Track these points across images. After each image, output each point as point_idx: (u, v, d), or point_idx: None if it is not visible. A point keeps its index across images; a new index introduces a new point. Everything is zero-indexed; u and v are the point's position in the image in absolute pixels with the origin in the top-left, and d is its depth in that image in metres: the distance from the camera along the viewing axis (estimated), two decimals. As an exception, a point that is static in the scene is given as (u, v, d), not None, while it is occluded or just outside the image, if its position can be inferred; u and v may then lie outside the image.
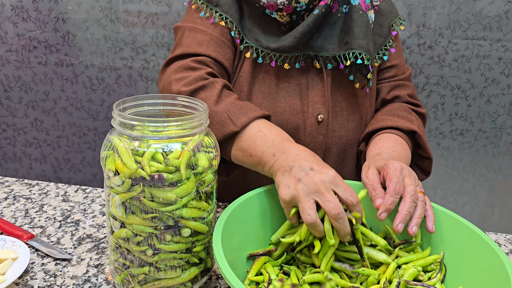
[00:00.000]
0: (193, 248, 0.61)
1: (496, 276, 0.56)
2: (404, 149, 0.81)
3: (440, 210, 0.68)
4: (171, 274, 0.60)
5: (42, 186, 0.98)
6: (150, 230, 0.57)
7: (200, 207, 0.59)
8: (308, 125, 0.87)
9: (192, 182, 0.56)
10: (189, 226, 0.59)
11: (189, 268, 0.62)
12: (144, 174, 0.54)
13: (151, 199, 0.56)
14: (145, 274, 0.60)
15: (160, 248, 0.58)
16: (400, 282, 0.60)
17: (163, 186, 0.55)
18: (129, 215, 0.57)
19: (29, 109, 1.74)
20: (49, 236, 0.79)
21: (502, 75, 1.49)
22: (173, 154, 0.55)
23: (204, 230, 0.61)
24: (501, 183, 1.68)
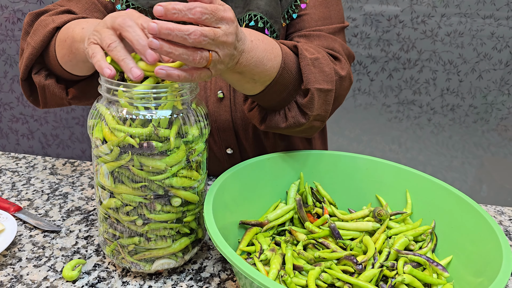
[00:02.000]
0: (184, 218, 0.60)
1: (487, 245, 0.56)
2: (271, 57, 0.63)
3: (432, 180, 0.68)
4: (162, 244, 0.59)
5: (29, 160, 0.96)
6: (140, 199, 0.56)
7: (190, 177, 0.58)
8: (210, 102, 0.82)
9: (182, 151, 0.55)
10: (179, 196, 0.58)
11: (180, 238, 0.61)
12: (132, 142, 0.52)
13: (140, 167, 0.54)
14: (135, 244, 0.59)
15: (150, 218, 0.57)
16: (390, 251, 0.60)
17: (153, 154, 0.54)
18: (118, 184, 0.56)
19: (14, 83, 1.70)
20: (37, 208, 0.78)
21: (494, 50, 1.48)
22: (163, 122, 0.54)
23: (194, 200, 0.60)
24: (490, 159, 1.70)
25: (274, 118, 0.70)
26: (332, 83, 0.68)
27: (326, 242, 0.63)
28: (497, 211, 0.86)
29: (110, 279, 0.61)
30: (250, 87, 0.64)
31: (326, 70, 0.68)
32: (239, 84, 0.64)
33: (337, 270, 0.57)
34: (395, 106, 1.63)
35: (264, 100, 0.68)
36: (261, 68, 0.61)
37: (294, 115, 0.68)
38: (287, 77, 0.66)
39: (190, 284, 0.61)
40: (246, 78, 0.61)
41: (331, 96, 0.68)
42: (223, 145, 0.87)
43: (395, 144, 1.71)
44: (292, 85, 0.67)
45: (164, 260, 0.61)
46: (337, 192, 0.74)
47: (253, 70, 0.60)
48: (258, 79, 0.62)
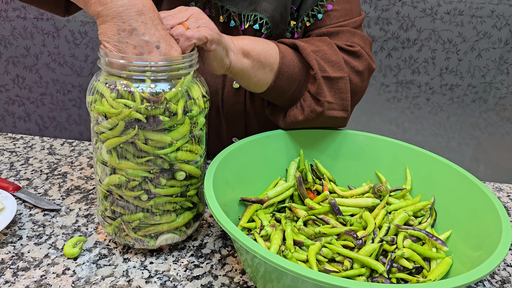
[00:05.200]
0: (187, 192, 0.60)
1: (486, 218, 0.57)
2: (264, 42, 0.69)
3: (431, 156, 0.68)
4: (166, 219, 0.60)
5: (26, 140, 0.95)
6: (145, 174, 0.56)
7: (193, 150, 0.59)
8: (226, 91, 0.82)
9: (187, 125, 0.56)
10: (184, 169, 0.58)
11: (183, 212, 0.61)
12: (140, 116, 0.52)
13: (145, 142, 0.54)
14: (140, 220, 0.59)
15: (155, 193, 0.57)
16: (390, 226, 0.60)
17: (158, 129, 0.54)
18: (121, 160, 0.55)
19: (9, 65, 1.68)
20: (36, 188, 0.78)
21: (494, 28, 1.47)
22: (168, 96, 0.53)
23: (197, 174, 0.61)
24: (487, 139, 1.70)
25: (292, 112, 0.72)
26: (341, 71, 0.70)
27: (326, 218, 0.63)
28: (495, 187, 0.87)
29: (111, 256, 0.62)
30: (261, 75, 0.68)
31: (333, 59, 0.70)
32: (252, 72, 0.67)
33: (338, 245, 0.57)
34: (394, 86, 1.63)
35: (278, 95, 0.71)
36: (260, 47, 0.66)
37: (309, 104, 0.70)
38: (291, 66, 0.69)
39: (191, 260, 0.62)
40: (254, 62, 0.66)
41: (345, 84, 0.70)
42: (231, 134, 0.87)
43: (393, 125, 1.71)
44: (299, 75, 0.70)
45: (168, 235, 0.61)
46: (337, 169, 0.74)
47: (256, 49, 0.65)
48: (265, 61, 0.67)
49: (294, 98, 0.72)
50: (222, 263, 0.62)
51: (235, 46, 0.65)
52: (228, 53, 0.63)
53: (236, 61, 0.64)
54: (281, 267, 0.44)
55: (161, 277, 0.58)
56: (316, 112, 0.70)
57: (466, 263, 0.55)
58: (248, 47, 0.66)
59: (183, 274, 0.59)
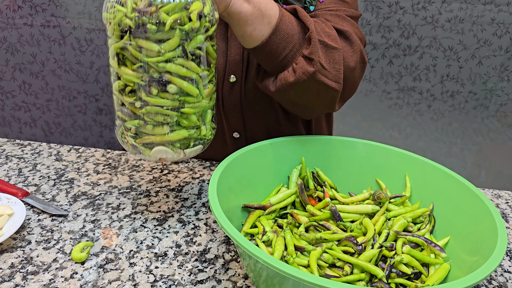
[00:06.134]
0: (182, 109, 0.61)
1: (482, 225, 0.58)
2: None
3: (430, 164, 0.70)
4: (158, 131, 0.62)
5: (34, 146, 0.97)
6: (137, 80, 0.59)
7: (187, 66, 0.59)
8: (223, 86, 0.84)
9: (177, 37, 0.57)
10: (174, 82, 0.59)
11: (178, 129, 0.63)
12: (129, 22, 0.56)
13: (139, 50, 0.57)
14: (136, 126, 0.62)
15: (146, 101, 0.60)
16: (389, 233, 0.62)
17: (149, 38, 0.56)
18: (121, 66, 0.60)
19: (16, 71, 1.71)
20: (44, 193, 0.80)
21: (494, 36, 1.49)
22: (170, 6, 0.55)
23: (192, 92, 0.61)
24: (489, 145, 1.71)
25: (283, 75, 0.70)
26: (336, 42, 0.69)
27: (327, 224, 0.64)
28: (494, 194, 0.88)
29: (117, 261, 0.63)
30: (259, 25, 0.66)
31: (328, 32, 0.69)
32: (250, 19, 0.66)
33: (338, 251, 0.59)
34: (395, 93, 1.64)
35: (270, 55, 0.69)
36: None
37: (302, 66, 0.68)
38: (289, 25, 0.68)
39: (195, 265, 0.63)
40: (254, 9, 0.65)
41: (339, 56, 0.69)
42: (231, 129, 0.89)
43: (395, 131, 1.72)
44: (295, 38, 0.68)
45: (162, 147, 0.63)
46: (338, 176, 0.76)
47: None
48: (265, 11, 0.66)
49: (286, 62, 0.70)
50: (225, 267, 0.63)
51: None
52: None
53: (236, 2, 0.64)
54: (283, 272, 0.45)
55: (166, 281, 0.60)
56: (308, 73, 0.67)
57: (464, 268, 0.57)
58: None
59: (188, 278, 0.61)
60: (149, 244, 0.67)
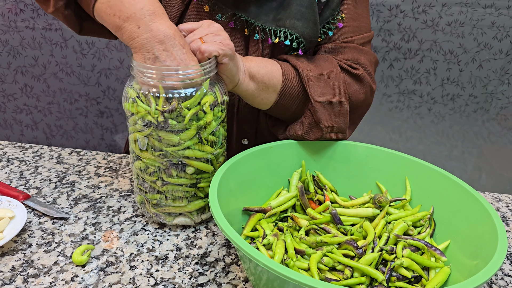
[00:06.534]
0: (198, 184, 0.69)
1: (483, 228, 0.58)
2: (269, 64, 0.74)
3: (430, 167, 0.70)
4: (178, 203, 0.69)
5: (35, 149, 0.98)
6: (158, 164, 0.66)
7: (203, 150, 0.66)
8: None
9: (193, 129, 0.63)
10: (192, 165, 0.66)
11: (195, 200, 0.70)
12: (152, 119, 0.62)
13: (159, 139, 0.63)
14: (157, 200, 0.69)
15: (167, 181, 0.67)
16: (390, 236, 0.62)
17: (168, 130, 0.62)
18: (143, 150, 0.66)
19: (18, 74, 1.71)
20: (45, 196, 0.80)
21: (494, 39, 1.49)
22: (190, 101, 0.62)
23: (208, 169, 0.68)
24: (489, 148, 1.71)
25: (292, 127, 0.78)
26: (342, 95, 0.74)
27: (328, 227, 0.64)
28: (494, 198, 0.88)
29: (118, 264, 0.64)
30: (265, 95, 0.74)
31: (334, 84, 0.74)
32: (257, 93, 0.73)
33: (338, 254, 0.59)
34: (396, 96, 1.64)
35: (280, 112, 0.77)
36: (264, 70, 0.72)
37: (310, 122, 0.75)
38: (293, 86, 0.74)
39: (196, 268, 0.64)
40: (259, 84, 0.72)
41: (344, 108, 0.74)
42: (240, 136, 0.89)
43: (395, 134, 1.72)
44: (301, 94, 0.75)
45: (182, 218, 0.71)
46: (338, 179, 0.76)
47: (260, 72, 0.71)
48: (269, 82, 0.72)
49: (297, 114, 0.77)
50: (226, 271, 0.64)
51: (244, 68, 0.70)
52: (238, 71, 0.69)
53: (243, 81, 0.71)
54: (283, 275, 0.45)
55: (166, 285, 0.60)
56: (316, 136, 0.75)
57: (464, 272, 0.57)
58: (254, 69, 0.71)
59: (188, 281, 0.61)
60: (149, 247, 0.67)
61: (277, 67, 0.74)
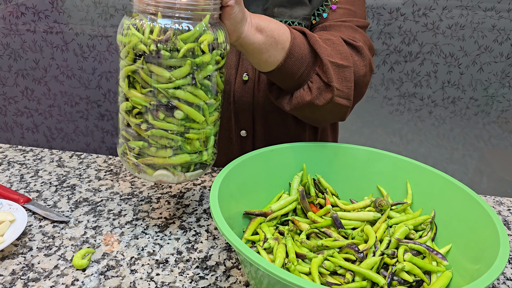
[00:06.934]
0: (186, 134, 0.63)
1: (485, 233, 0.58)
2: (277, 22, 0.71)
3: (431, 170, 0.70)
4: (161, 153, 0.63)
5: (36, 152, 0.98)
6: (145, 103, 0.61)
7: (195, 94, 0.61)
8: (236, 84, 0.86)
9: (187, 66, 0.59)
10: (181, 108, 0.61)
11: (181, 153, 0.64)
12: (144, 48, 0.57)
13: (149, 75, 0.59)
14: (139, 147, 0.64)
15: (152, 124, 0.61)
16: (391, 240, 0.62)
17: (160, 64, 0.58)
18: (131, 88, 0.61)
19: (19, 77, 1.71)
20: (46, 200, 0.80)
21: (495, 42, 1.49)
22: (186, 34, 0.57)
23: (198, 119, 0.63)
24: (490, 151, 1.71)
25: (299, 93, 0.73)
26: (347, 60, 0.72)
27: (329, 231, 0.64)
28: (496, 201, 0.88)
29: (118, 267, 0.63)
30: (273, 52, 0.69)
31: (340, 49, 0.72)
32: (264, 47, 0.68)
33: (339, 258, 0.59)
34: (396, 99, 1.64)
35: (286, 76, 0.72)
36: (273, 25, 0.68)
37: (319, 86, 0.71)
38: (301, 47, 0.70)
39: (197, 272, 0.63)
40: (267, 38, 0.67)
41: (350, 73, 0.71)
42: (239, 127, 0.90)
43: (396, 137, 1.72)
44: (308, 57, 0.71)
45: (164, 171, 0.64)
46: (340, 183, 0.76)
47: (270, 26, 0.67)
48: (278, 38, 0.68)
49: (302, 80, 0.73)
50: (226, 275, 0.63)
51: (251, 20, 0.66)
52: (242, 21, 0.64)
53: (249, 33, 0.66)
54: (284, 280, 0.45)
55: (167, 289, 0.60)
56: (326, 99, 0.71)
57: (466, 277, 0.57)
58: (262, 23, 0.67)
59: (189, 285, 0.61)
60: (150, 251, 0.67)
61: (285, 27, 0.71)
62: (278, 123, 0.90)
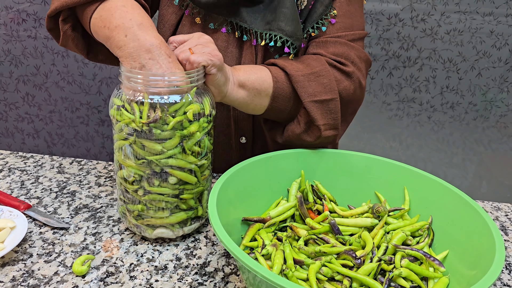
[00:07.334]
0: (181, 195, 0.67)
1: (481, 238, 0.58)
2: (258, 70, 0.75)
3: (429, 177, 0.70)
4: (160, 214, 0.68)
5: (37, 159, 0.98)
6: (141, 173, 0.65)
7: (186, 160, 0.65)
8: None
9: (177, 138, 0.63)
10: (174, 175, 0.65)
11: (178, 212, 0.68)
12: (135, 126, 0.61)
13: (142, 147, 0.63)
14: (138, 210, 0.68)
15: (149, 190, 0.66)
16: (388, 246, 0.62)
17: (151, 139, 0.62)
18: (125, 158, 0.65)
19: (20, 83, 1.72)
20: (46, 206, 0.80)
21: (493, 48, 1.50)
22: (175, 106, 0.61)
23: (191, 180, 0.67)
24: (490, 156, 1.71)
25: (290, 127, 0.78)
26: (332, 92, 0.75)
27: (326, 237, 0.65)
28: (493, 207, 0.88)
29: (118, 274, 0.64)
30: (258, 101, 0.74)
31: (323, 82, 0.75)
32: (249, 99, 0.73)
33: (337, 264, 0.59)
34: (395, 104, 1.65)
35: (276, 115, 0.78)
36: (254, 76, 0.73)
37: (307, 121, 0.76)
38: (284, 88, 0.75)
39: (195, 278, 0.64)
40: (250, 90, 0.72)
41: (335, 105, 0.76)
42: (238, 134, 0.91)
43: (396, 142, 1.73)
44: (293, 94, 0.75)
45: (163, 230, 0.69)
46: (338, 189, 0.76)
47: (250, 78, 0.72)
48: (260, 87, 0.73)
49: (292, 115, 0.78)
50: (225, 281, 0.64)
51: (233, 78, 0.71)
52: (226, 82, 0.69)
53: (232, 91, 0.71)
54: (281, 286, 0.46)
55: (166, 295, 0.60)
56: (314, 136, 0.76)
57: (462, 282, 0.57)
58: (243, 77, 0.72)
59: (188, 292, 0.61)
60: (149, 257, 0.68)
61: (266, 72, 0.75)
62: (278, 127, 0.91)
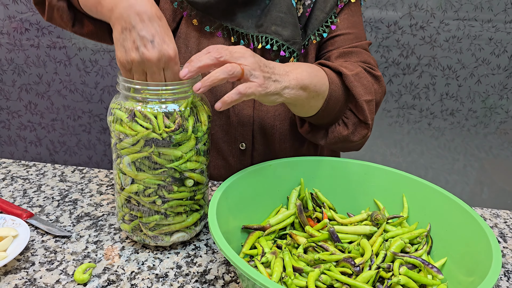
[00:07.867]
0: (195, 196, 0.70)
1: (478, 246, 0.59)
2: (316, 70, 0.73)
3: (427, 185, 0.71)
4: (178, 219, 0.70)
5: (39, 167, 0.99)
6: (159, 182, 0.65)
7: (199, 161, 0.68)
8: None
9: (193, 140, 0.65)
10: (192, 177, 0.67)
11: (192, 213, 0.71)
12: (156, 136, 0.62)
13: (158, 155, 0.64)
14: (156, 221, 0.68)
15: (169, 198, 0.67)
16: (387, 254, 0.62)
17: (169, 145, 0.63)
18: (139, 172, 0.65)
19: (22, 92, 1.74)
20: (48, 214, 0.81)
21: (492, 55, 1.51)
22: (173, 116, 0.63)
23: (203, 180, 0.70)
24: (491, 162, 1.72)
25: (336, 128, 0.79)
26: (371, 93, 0.78)
27: (326, 245, 0.65)
28: (492, 214, 0.89)
29: (119, 282, 0.64)
30: (314, 103, 0.73)
31: (365, 83, 0.78)
32: (307, 101, 0.71)
33: (336, 272, 0.60)
34: (396, 111, 1.66)
35: (324, 117, 0.77)
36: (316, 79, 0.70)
37: (354, 122, 0.77)
38: (337, 90, 0.75)
39: (196, 286, 0.64)
40: (311, 93, 0.69)
41: (374, 105, 0.78)
42: (238, 140, 0.91)
43: (397, 148, 1.73)
44: (343, 96, 0.76)
45: (180, 234, 0.71)
46: (337, 197, 0.77)
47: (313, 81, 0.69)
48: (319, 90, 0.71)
49: (336, 117, 0.79)
50: (225, 289, 0.64)
51: (290, 82, 0.66)
52: (280, 93, 0.65)
53: (292, 94, 0.67)
54: (280, 294, 0.46)
55: (166, 303, 0.61)
56: (362, 134, 0.78)
57: (460, 290, 0.57)
58: (306, 81, 0.68)
59: (188, 299, 0.62)
60: (150, 265, 0.68)
61: (323, 74, 0.73)
62: (278, 137, 0.91)
